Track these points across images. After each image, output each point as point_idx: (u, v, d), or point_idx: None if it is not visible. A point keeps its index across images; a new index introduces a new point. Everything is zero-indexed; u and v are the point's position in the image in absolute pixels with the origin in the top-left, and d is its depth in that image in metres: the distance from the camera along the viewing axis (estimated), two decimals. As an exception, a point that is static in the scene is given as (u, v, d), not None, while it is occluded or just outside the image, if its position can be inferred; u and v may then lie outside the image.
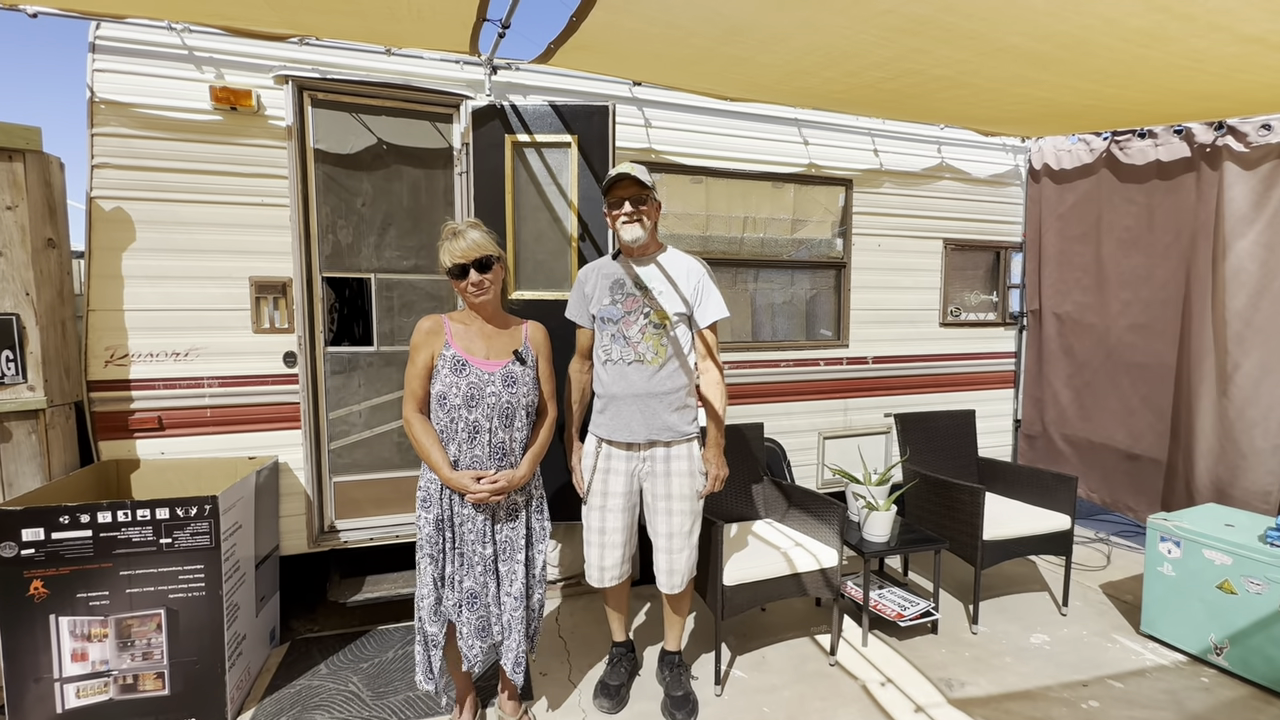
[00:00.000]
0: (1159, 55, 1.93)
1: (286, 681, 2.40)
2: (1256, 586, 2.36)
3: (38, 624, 1.95)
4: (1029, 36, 1.85)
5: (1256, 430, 2.96)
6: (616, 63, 2.56)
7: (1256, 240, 2.95)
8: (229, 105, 2.45)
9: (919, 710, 2.25)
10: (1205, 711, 2.25)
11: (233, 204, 2.53)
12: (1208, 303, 3.12)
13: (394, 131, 2.81)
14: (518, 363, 1.91)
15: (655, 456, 2.14)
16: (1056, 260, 3.86)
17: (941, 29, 1.84)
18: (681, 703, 2.21)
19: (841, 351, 3.65)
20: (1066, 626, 2.83)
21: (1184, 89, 2.30)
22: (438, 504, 1.88)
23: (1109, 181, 3.56)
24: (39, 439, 2.27)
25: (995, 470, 3.31)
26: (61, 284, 2.40)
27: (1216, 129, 3.06)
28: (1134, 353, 3.52)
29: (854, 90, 2.54)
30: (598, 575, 2.19)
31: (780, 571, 2.39)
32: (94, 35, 2.34)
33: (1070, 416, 3.85)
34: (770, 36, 2.02)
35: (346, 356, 2.82)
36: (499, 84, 2.81)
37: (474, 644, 1.91)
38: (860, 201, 3.61)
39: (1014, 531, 2.80)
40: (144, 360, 2.48)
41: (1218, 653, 2.48)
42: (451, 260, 1.84)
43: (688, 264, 2.16)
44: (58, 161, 2.37)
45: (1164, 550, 2.64)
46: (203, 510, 2.05)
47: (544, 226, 2.78)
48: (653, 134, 3.13)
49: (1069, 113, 2.81)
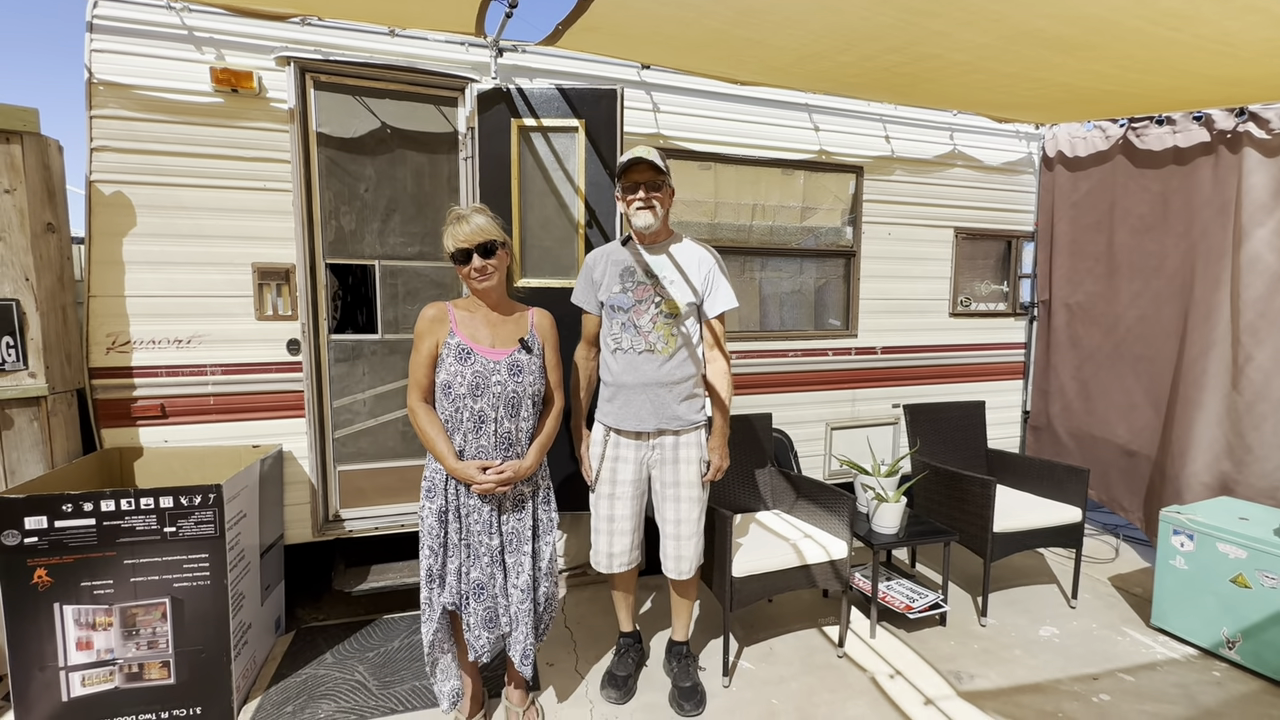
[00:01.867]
0: (1188, 38, 1.87)
1: (292, 670, 2.39)
2: (1271, 580, 2.34)
3: (42, 612, 1.93)
4: (1057, 19, 1.79)
5: (1267, 424, 2.92)
6: (626, 45, 2.50)
7: (1276, 229, 2.89)
8: (230, 87, 2.40)
9: (929, 703, 2.24)
10: (1218, 705, 2.23)
11: (235, 189, 2.49)
12: (1220, 293, 3.06)
13: (398, 115, 2.76)
14: (524, 351, 1.88)
15: (664, 445, 2.11)
16: (1068, 249, 3.81)
17: (966, 11, 1.78)
18: (689, 693, 2.20)
19: (850, 341, 3.61)
20: (1076, 619, 2.82)
21: (1210, 74, 2.24)
22: (442, 494, 1.85)
23: (1124, 168, 3.50)
24: (41, 426, 2.24)
25: (1005, 462, 3.28)
26: (62, 269, 2.36)
27: (1238, 115, 2.99)
28: (1140, 345, 3.47)
29: (868, 74, 2.48)
30: (606, 561, 2.18)
31: (789, 563, 2.37)
32: (91, 14, 2.29)
33: (1075, 410, 3.81)
34: (786, 19, 1.97)
35: (350, 344, 2.79)
36: (505, 66, 2.75)
37: (481, 634, 1.89)
38: (870, 189, 3.55)
39: (1025, 524, 2.78)
40: (146, 347, 2.44)
41: (1230, 646, 2.46)
42: (455, 245, 1.81)
43: (699, 254, 2.12)
44: (56, 144, 2.32)
45: (1177, 544, 2.62)
46: (207, 499, 2.02)
47: (550, 213, 2.73)
48: (661, 119, 3.07)
49: (1088, 98, 2.75)
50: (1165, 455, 3.28)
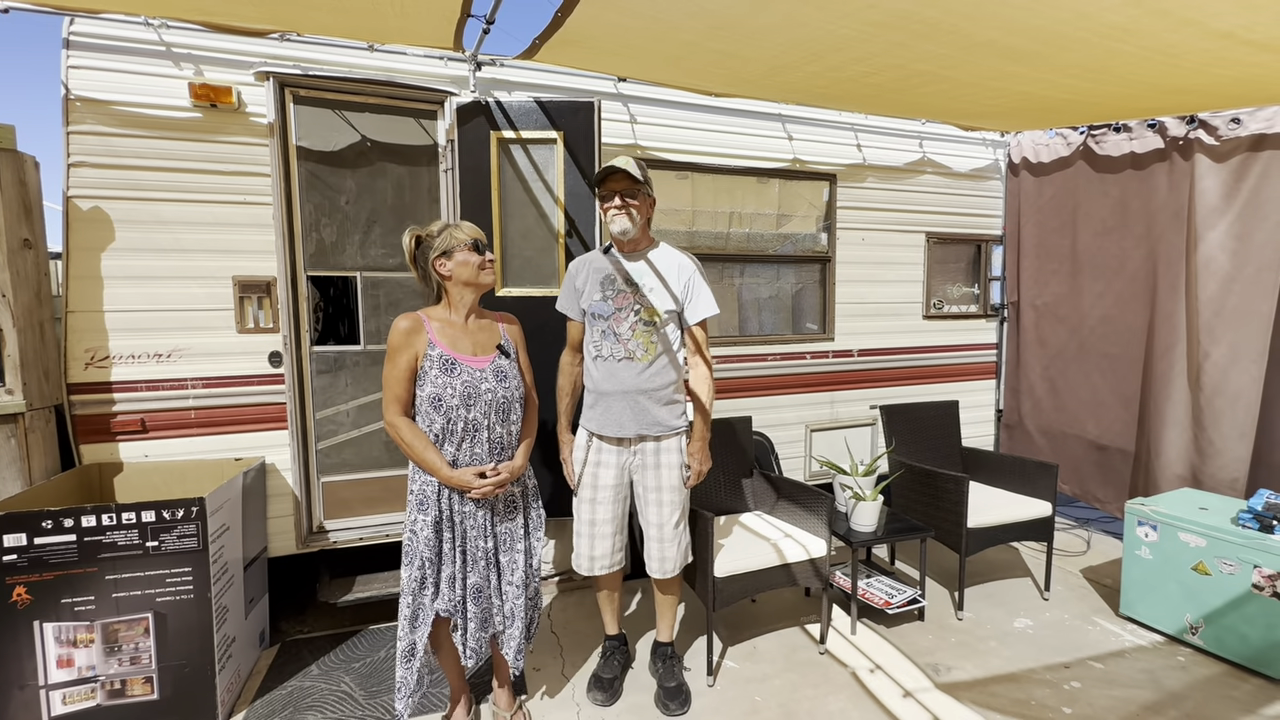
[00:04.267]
0: (1132, 49, 1.98)
1: (278, 683, 2.38)
2: (1229, 567, 2.43)
3: (21, 631, 1.92)
4: (1006, 31, 1.88)
5: (1225, 418, 3.04)
6: (602, 58, 2.56)
7: (1227, 231, 3.02)
8: (209, 102, 2.42)
9: (907, 695, 2.30)
10: (1182, 689, 2.32)
11: (214, 202, 2.50)
12: (1179, 293, 3.19)
13: (378, 128, 2.79)
14: (503, 356, 1.91)
15: (645, 450, 2.16)
16: (1035, 252, 3.93)
17: (921, 23, 1.86)
18: (674, 693, 2.23)
19: (827, 345, 3.69)
20: (1049, 610, 2.90)
21: (1157, 83, 2.35)
22: (435, 505, 1.84)
23: (1085, 173, 3.63)
24: (18, 443, 2.23)
25: (978, 459, 3.37)
26: (39, 285, 2.35)
27: (1188, 122, 3.13)
28: (1105, 343, 3.60)
29: (836, 85, 2.57)
30: (587, 564, 2.21)
31: (770, 562, 2.42)
32: (68, 31, 2.29)
33: (1045, 408, 3.93)
34: (754, 31, 2.04)
35: (333, 355, 2.80)
36: (484, 80, 2.80)
37: (479, 636, 1.92)
38: (844, 196, 3.65)
39: (997, 519, 2.86)
40: (125, 362, 2.44)
41: (1193, 632, 2.55)
42: (471, 236, 1.86)
43: (679, 260, 2.18)
44: (32, 160, 2.32)
45: (1141, 534, 2.71)
46: (190, 512, 2.02)
47: (531, 223, 2.77)
48: (638, 129, 3.14)
49: (1047, 107, 2.86)
50: (1143, 448, 3.40)
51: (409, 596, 1.86)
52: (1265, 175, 2.92)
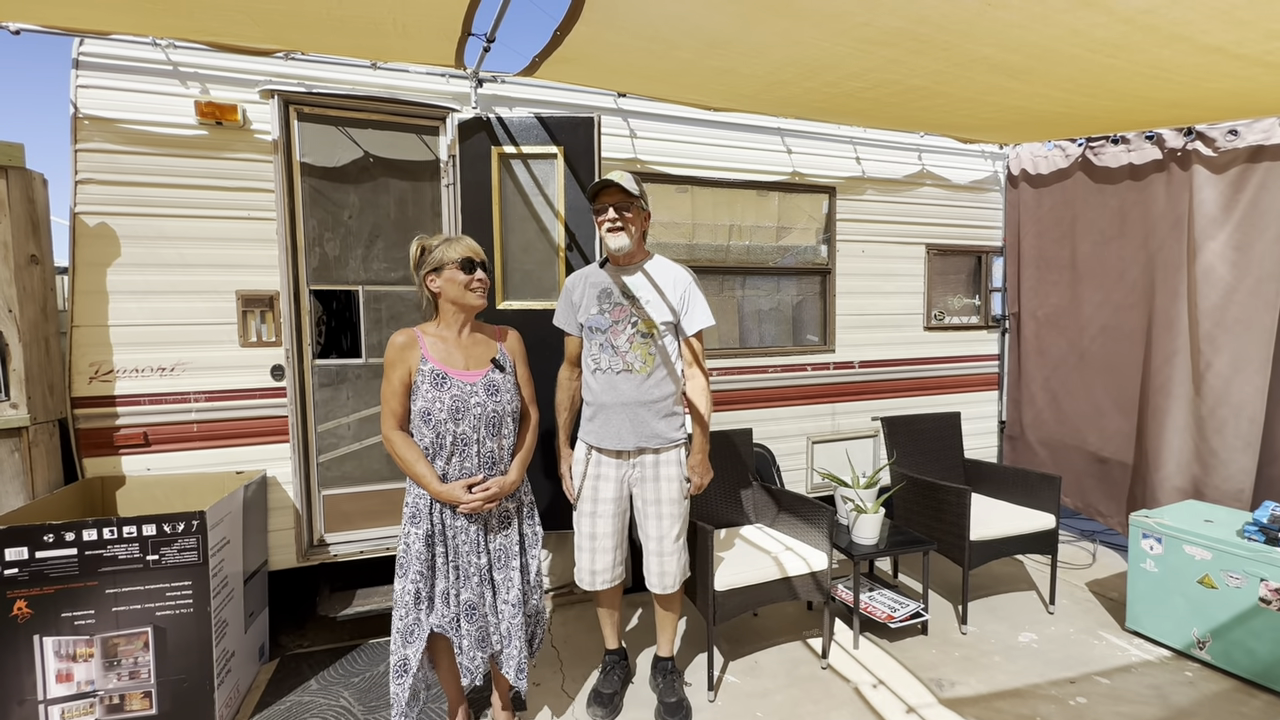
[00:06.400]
0: (1125, 64, 1.99)
1: (277, 698, 2.37)
2: (1236, 580, 2.41)
3: (21, 645, 1.92)
4: (1000, 48, 1.91)
5: (1228, 428, 3.02)
6: (601, 75, 2.59)
7: (1226, 242, 3.02)
8: (214, 120, 2.46)
9: (910, 711, 2.27)
10: (1190, 705, 2.29)
11: (219, 218, 2.53)
12: (1179, 303, 3.19)
13: (380, 144, 2.83)
14: (497, 370, 1.92)
15: (644, 463, 2.16)
16: (1035, 263, 3.94)
17: (915, 40, 1.89)
18: (675, 709, 2.22)
19: (828, 356, 3.69)
20: (1054, 624, 2.87)
21: (1152, 96, 2.37)
22: (427, 519, 1.85)
23: (1084, 185, 3.65)
24: (22, 457, 2.24)
25: (981, 471, 3.36)
26: (45, 300, 2.38)
27: (1186, 134, 3.14)
28: (1105, 354, 3.59)
29: (834, 99, 2.60)
30: (589, 579, 2.20)
31: (771, 576, 2.41)
32: (77, 51, 2.34)
33: (1046, 419, 3.91)
34: (751, 48, 2.07)
35: (335, 369, 2.82)
36: (485, 96, 2.84)
37: (475, 655, 1.89)
38: (844, 208, 3.67)
39: (1000, 531, 2.84)
40: (129, 376, 2.46)
41: (1200, 647, 2.52)
42: (461, 254, 1.84)
43: (674, 273, 2.19)
44: (40, 177, 2.36)
45: (1146, 547, 2.69)
46: (190, 526, 2.03)
47: (531, 237, 2.80)
48: (638, 144, 3.17)
49: (1043, 120, 2.89)
50: (1141, 460, 3.38)
51: (401, 609, 1.85)
52: (1264, 186, 2.92)
